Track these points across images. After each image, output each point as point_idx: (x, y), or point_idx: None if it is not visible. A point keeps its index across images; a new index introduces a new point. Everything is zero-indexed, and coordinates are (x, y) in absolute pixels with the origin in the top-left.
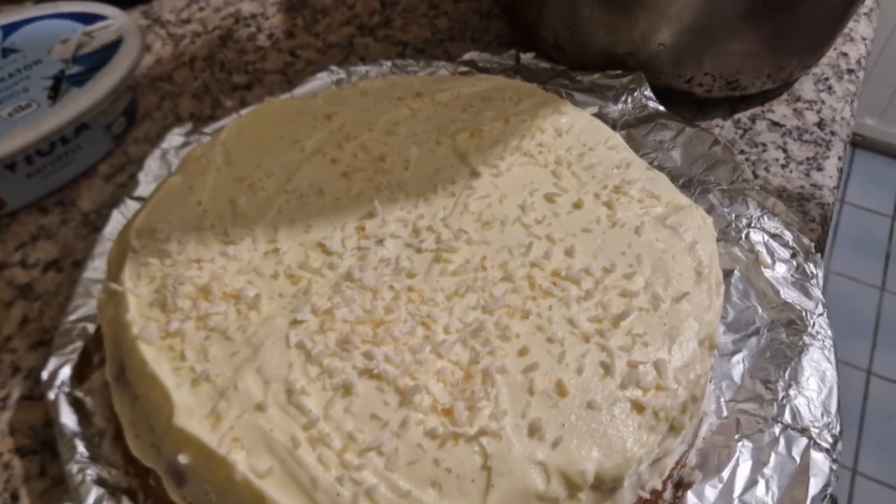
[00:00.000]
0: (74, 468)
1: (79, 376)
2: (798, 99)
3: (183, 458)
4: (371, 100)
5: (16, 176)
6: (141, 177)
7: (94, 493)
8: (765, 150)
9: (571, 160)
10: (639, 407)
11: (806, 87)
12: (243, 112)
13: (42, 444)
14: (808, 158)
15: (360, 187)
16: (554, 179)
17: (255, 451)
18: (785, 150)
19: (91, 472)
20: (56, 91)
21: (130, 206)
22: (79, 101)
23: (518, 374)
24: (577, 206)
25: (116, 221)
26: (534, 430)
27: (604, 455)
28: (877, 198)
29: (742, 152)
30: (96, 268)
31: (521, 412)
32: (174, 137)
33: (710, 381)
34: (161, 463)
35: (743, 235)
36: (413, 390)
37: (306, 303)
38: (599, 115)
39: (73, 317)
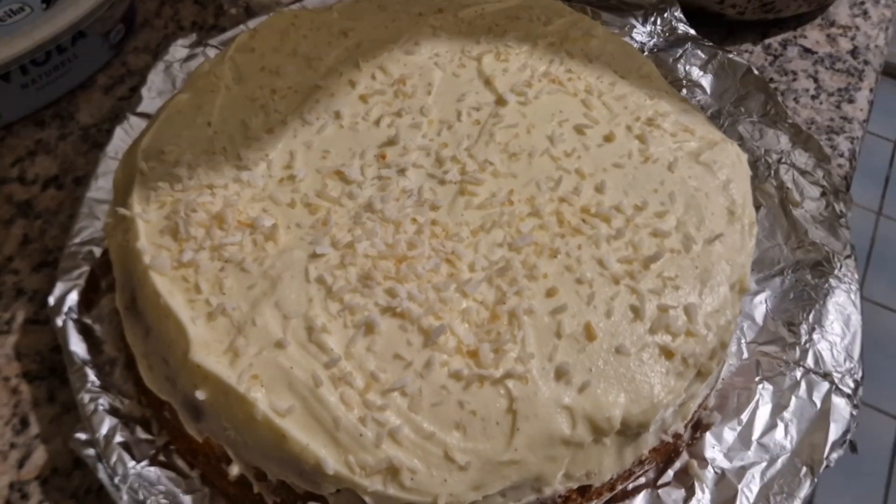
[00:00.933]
0: (86, 397)
1: (86, 302)
2: (832, 24)
3: (200, 394)
4: (389, 14)
5: (10, 86)
6: (144, 92)
7: (108, 422)
8: (795, 80)
9: (602, 89)
10: (668, 353)
11: (841, 10)
12: (252, 23)
13: (50, 370)
14: (839, 89)
15: (379, 112)
16: (584, 109)
17: (276, 389)
18: (816, 80)
19: (103, 402)
20: None
21: (134, 122)
22: (75, 6)
23: (545, 316)
24: (609, 138)
25: (119, 139)
26: (561, 374)
27: (631, 401)
28: (879, 122)
29: (771, 81)
30: (100, 187)
31: (547, 355)
32: (177, 49)
33: None
34: (177, 397)
35: (772, 171)
36: (438, 331)
37: (325, 234)
38: (626, 37)
39: (77, 239)
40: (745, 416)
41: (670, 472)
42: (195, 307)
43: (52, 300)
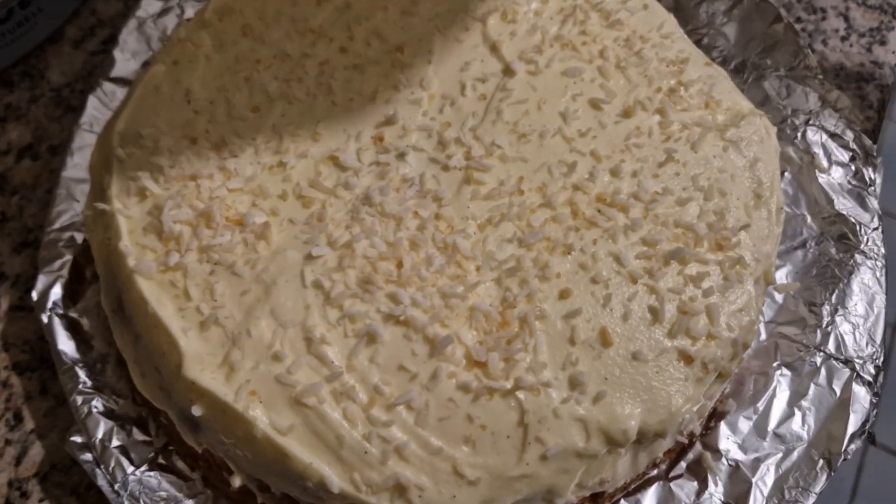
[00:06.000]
0: (79, 399)
1: (71, 294)
2: None
3: (196, 410)
4: None
5: None
6: (117, 54)
7: (103, 425)
8: (824, 18)
9: (620, 53)
10: (687, 358)
11: None
12: None
13: (40, 360)
14: (871, 29)
15: (374, 84)
16: (600, 80)
17: (275, 406)
18: (846, 19)
19: (97, 403)
20: None
21: (107, 89)
22: None
23: (558, 321)
24: (627, 114)
25: (94, 108)
26: (574, 384)
27: (647, 410)
28: None
29: (798, 21)
30: (76, 164)
31: (560, 364)
32: (151, 3)
33: None
34: (172, 408)
35: (799, 134)
36: (444, 340)
37: (321, 232)
38: None
39: (56, 224)
40: (761, 405)
41: (683, 464)
42: (186, 316)
43: (35, 295)
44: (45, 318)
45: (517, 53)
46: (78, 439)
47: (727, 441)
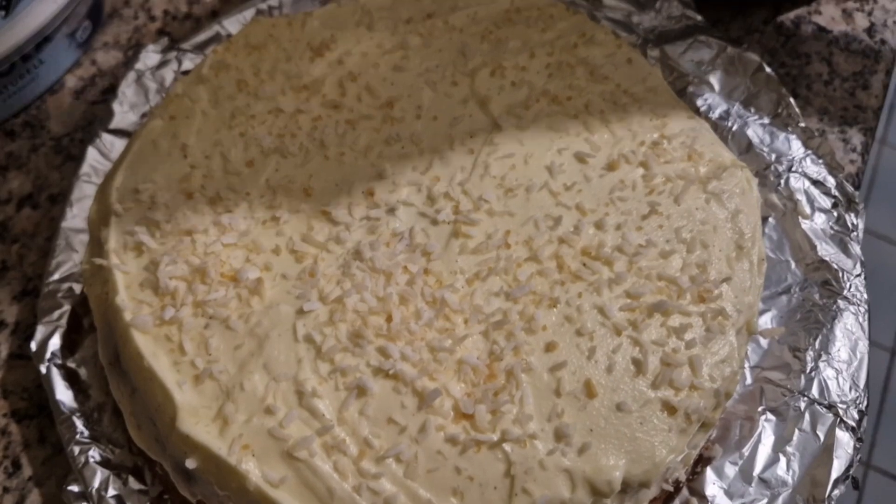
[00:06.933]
0: (76, 449)
1: (69, 344)
2: None
3: (190, 463)
4: (374, 21)
5: None
6: (116, 106)
7: (99, 475)
8: (808, 63)
9: (604, 107)
10: (670, 409)
11: None
12: (226, 22)
13: (38, 408)
14: (854, 74)
15: (366, 140)
16: (585, 134)
17: (267, 459)
18: (830, 63)
19: (93, 453)
20: (8, 1)
21: (106, 140)
22: (37, 12)
23: (544, 374)
24: (611, 167)
25: (93, 159)
26: (560, 436)
27: (632, 461)
28: None
29: (783, 66)
30: (75, 215)
31: (546, 416)
32: (149, 56)
33: None
34: (168, 460)
35: (782, 181)
36: (433, 394)
37: (313, 287)
38: (628, 24)
39: (56, 276)
40: (746, 450)
41: None
42: (181, 370)
43: (34, 345)
44: (43, 369)
45: (505, 108)
46: (75, 489)
47: (713, 486)
